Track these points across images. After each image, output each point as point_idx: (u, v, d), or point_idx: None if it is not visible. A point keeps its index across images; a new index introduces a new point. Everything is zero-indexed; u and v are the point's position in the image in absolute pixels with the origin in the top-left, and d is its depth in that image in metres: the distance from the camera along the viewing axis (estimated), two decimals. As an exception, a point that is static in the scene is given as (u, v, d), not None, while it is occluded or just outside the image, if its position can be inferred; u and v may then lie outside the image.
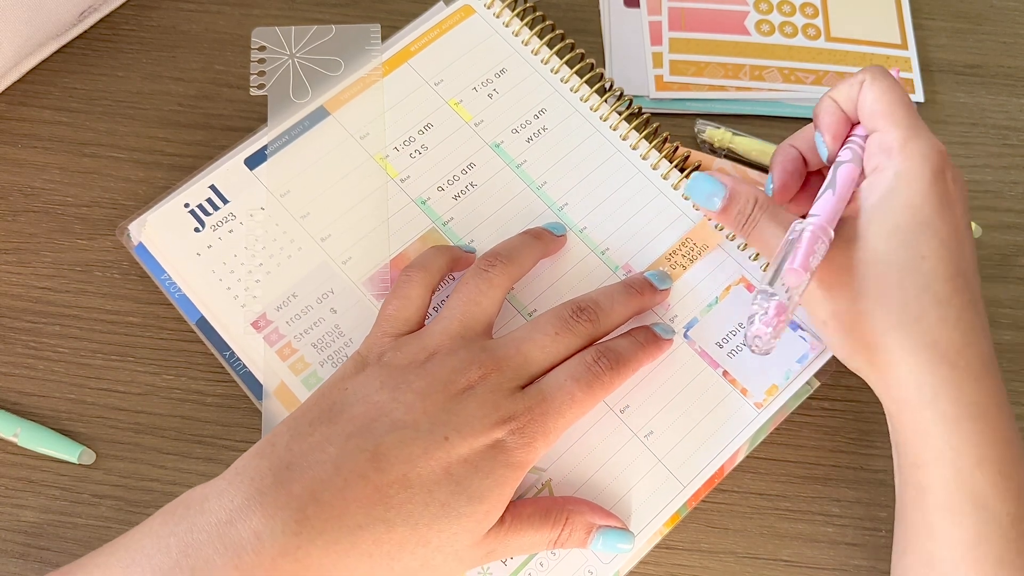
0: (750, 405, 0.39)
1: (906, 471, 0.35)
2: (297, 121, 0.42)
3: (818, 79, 0.50)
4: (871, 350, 0.35)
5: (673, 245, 0.41)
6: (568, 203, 0.41)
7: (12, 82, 0.47)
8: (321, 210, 0.40)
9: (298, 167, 0.41)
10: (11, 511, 0.40)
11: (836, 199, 0.36)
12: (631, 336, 0.37)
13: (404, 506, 0.31)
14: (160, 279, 0.40)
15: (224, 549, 0.28)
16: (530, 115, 0.43)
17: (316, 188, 0.41)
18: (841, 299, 0.35)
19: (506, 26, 0.44)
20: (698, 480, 0.37)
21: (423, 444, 0.31)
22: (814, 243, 0.33)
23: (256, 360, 0.38)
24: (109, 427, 0.41)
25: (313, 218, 0.40)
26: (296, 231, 0.40)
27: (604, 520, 0.36)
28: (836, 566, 0.41)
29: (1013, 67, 0.51)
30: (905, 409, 0.34)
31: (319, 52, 0.43)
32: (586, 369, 0.34)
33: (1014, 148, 0.50)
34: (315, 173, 0.41)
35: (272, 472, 0.30)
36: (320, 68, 0.43)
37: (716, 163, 0.47)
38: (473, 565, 0.33)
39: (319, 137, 0.42)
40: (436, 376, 0.33)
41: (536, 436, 0.33)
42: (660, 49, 0.50)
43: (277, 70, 0.43)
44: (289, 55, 0.43)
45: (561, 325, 0.35)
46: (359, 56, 0.43)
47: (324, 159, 0.41)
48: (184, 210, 0.40)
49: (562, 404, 0.34)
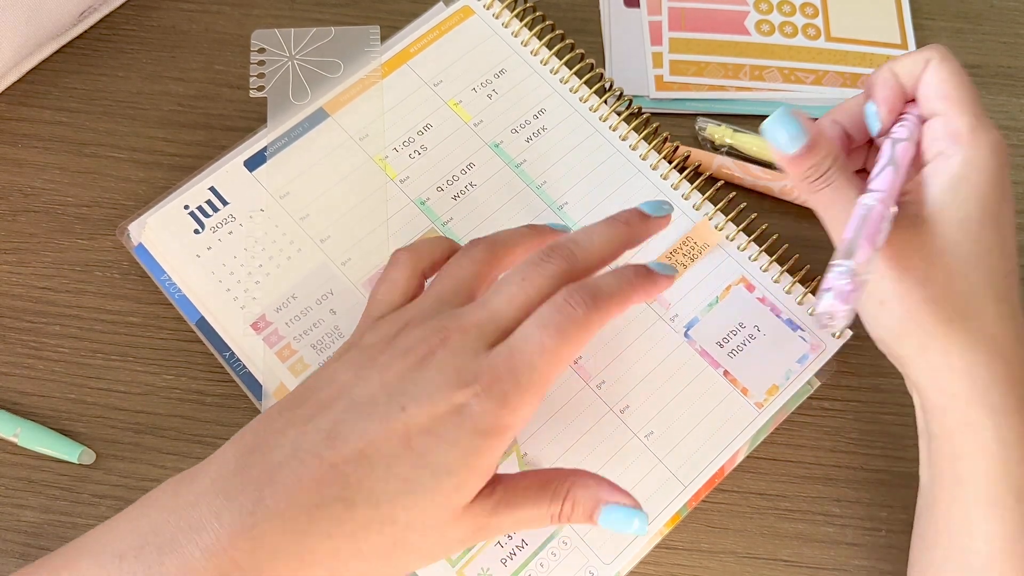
0: (751, 405, 0.39)
1: (942, 463, 0.35)
2: (297, 123, 0.42)
3: (818, 79, 0.50)
4: (928, 336, 0.34)
5: (674, 244, 0.41)
6: (568, 202, 0.41)
7: (12, 82, 0.47)
8: (320, 211, 0.40)
9: (298, 169, 0.41)
10: (11, 511, 0.40)
11: (898, 177, 0.35)
12: (617, 272, 0.32)
13: (363, 483, 0.29)
14: (160, 280, 0.40)
15: (188, 528, 0.29)
16: (529, 115, 0.43)
17: (316, 189, 0.41)
18: (907, 281, 0.34)
19: (505, 27, 0.44)
20: (699, 480, 0.37)
21: (379, 417, 0.29)
22: (883, 221, 0.33)
23: (256, 361, 0.38)
24: (109, 427, 0.41)
25: (312, 219, 0.40)
26: (296, 232, 0.40)
27: (614, 496, 0.32)
28: (836, 566, 0.41)
29: (1013, 67, 0.51)
30: (954, 401, 0.34)
31: (318, 54, 0.43)
32: (556, 310, 0.30)
33: (1014, 148, 0.50)
34: (315, 175, 0.41)
35: (236, 457, 0.30)
36: (319, 70, 0.43)
37: (716, 160, 0.47)
38: (463, 543, 0.32)
39: (319, 139, 0.42)
40: (398, 347, 0.31)
41: (507, 396, 0.29)
42: (660, 49, 0.50)
43: (277, 72, 0.43)
44: (288, 56, 0.43)
45: (529, 268, 0.32)
46: (358, 58, 0.43)
47: (324, 160, 0.41)
48: (184, 212, 0.40)
49: (532, 355, 0.30)
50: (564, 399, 0.38)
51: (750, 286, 0.40)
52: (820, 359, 0.39)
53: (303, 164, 0.41)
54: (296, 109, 0.42)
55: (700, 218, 0.41)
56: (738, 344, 0.39)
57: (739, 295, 0.40)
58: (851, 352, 0.44)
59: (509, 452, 0.37)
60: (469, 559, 0.36)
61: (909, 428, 0.43)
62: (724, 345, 0.39)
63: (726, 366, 0.39)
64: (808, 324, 0.40)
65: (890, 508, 0.42)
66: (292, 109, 0.42)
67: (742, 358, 0.39)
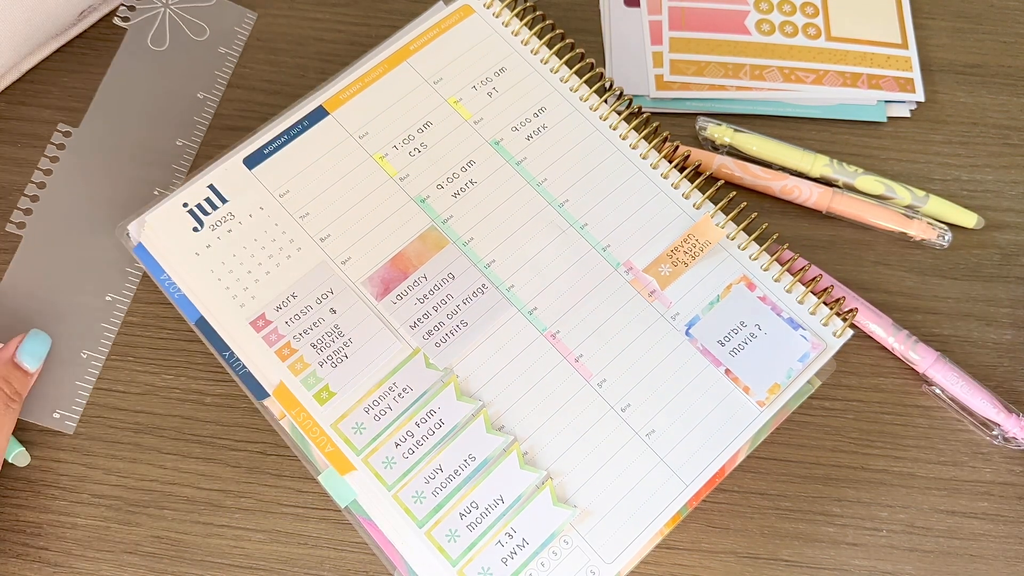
0: (752, 403, 0.38)
1: None
2: (296, 120, 0.42)
3: (818, 79, 0.50)
4: None
5: (675, 242, 0.41)
6: (568, 199, 0.41)
7: (12, 82, 0.47)
8: (320, 210, 0.40)
9: (297, 167, 0.41)
10: (11, 511, 0.40)
11: None
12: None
13: None
14: (159, 279, 0.40)
15: None
16: (530, 113, 0.43)
17: (315, 188, 0.41)
18: None
19: (505, 26, 0.44)
20: (700, 479, 0.37)
21: None
22: None
23: (255, 360, 0.38)
24: (109, 427, 0.41)
25: (312, 218, 0.40)
26: (295, 231, 0.40)
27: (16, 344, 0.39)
28: (836, 566, 0.41)
29: (1013, 67, 0.51)
30: None
31: (193, 14, 0.44)
32: None
33: (1014, 148, 0.50)
34: (314, 173, 0.41)
35: None
36: (187, 29, 0.43)
37: (717, 160, 0.47)
38: None
39: (318, 136, 0.42)
40: None
41: None
42: (660, 48, 0.50)
43: (149, 10, 0.44)
44: (164, 4, 0.44)
45: None
46: (225, 31, 0.46)
47: (323, 158, 0.41)
48: (183, 210, 0.40)
49: None
50: (565, 397, 0.38)
51: (751, 285, 0.40)
52: (821, 358, 0.39)
53: (303, 162, 0.41)
54: (298, 105, 0.42)
55: (701, 216, 0.41)
56: (739, 343, 0.39)
57: (740, 294, 0.40)
58: (851, 352, 0.45)
59: (509, 451, 0.37)
60: (469, 559, 0.36)
61: (909, 428, 0.44)
62: (725, 344, 0.39)
63: (727, 365, 0.39)
64: (808, 323, 0.40)
65: (890, 508, 0.42)
66: (153, 55, 0.45)
67: (743, 357, 0.39)
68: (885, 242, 0.47)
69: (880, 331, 0.44)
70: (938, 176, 0.49)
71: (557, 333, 0.39)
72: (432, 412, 0.37)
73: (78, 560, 0.39)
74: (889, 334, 0.44)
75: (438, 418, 0.37)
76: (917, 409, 0.44)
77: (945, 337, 0.45)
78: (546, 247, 0.41)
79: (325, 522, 0.41)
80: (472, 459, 0.37)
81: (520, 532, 0.36)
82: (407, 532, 0.36)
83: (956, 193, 0.48)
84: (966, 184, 0.49)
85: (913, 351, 0.44)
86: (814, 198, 0.47)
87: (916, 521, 0.42)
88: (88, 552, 0.39)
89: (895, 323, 0.44)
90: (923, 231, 0.46)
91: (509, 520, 0.36)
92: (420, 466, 0.37)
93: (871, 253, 0.47)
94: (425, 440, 0.37)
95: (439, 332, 0.39)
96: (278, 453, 0.41)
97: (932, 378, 0.44)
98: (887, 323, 0.44)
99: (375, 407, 0.37)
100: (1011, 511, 0.42)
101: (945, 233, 0.47)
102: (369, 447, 0.37)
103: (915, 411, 0.44)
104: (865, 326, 0.45)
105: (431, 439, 0.37)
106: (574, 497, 0.37)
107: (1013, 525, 0.42)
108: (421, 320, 0.39)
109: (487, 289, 0.40)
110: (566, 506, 0.36)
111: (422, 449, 0.37)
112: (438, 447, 0.37)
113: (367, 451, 0.37)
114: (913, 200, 0.47)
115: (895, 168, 0.49)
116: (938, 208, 0.47)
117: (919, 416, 0.44)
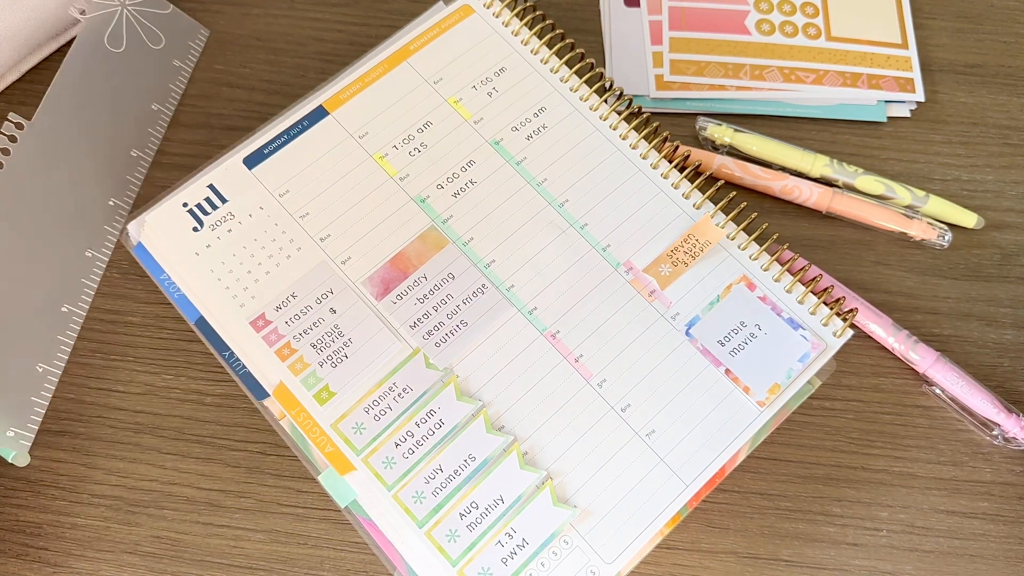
0: (752, 403, 0.38)
1: None
2: (296, 120, 0.42)
3: (818, 79, 0.50)
4: None
5: (675, 242, 0.41)
6: (568, 199, 0.41)
7: (12, 82, 0.47)
8: (320, 209, 0.40)
9: (297, 166, 0.41)
10: (11, 511, 0.40)
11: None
12: None
13: None
14: (159, 279, 0.40)
15: None
16: (530, 113, 0.43)
17: (315, 187, 0.41)
18: None
19: (505, 26, 0.44)
20: (701, 479, 0.37)
21: None
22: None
23: (255, 360, 0.38)
24: (109, 427, 0.41)
25: (312, 218, 0.40)
26: (295, 231, 0.40)
27: None
28: (836, 566, 0.41)
29: (1014, 67, 0.51)
30: None
31: (152, 20, 0.44)
32: None
33: (1015, 148, 0.50)
34: (314, 172, 0.41)
35: None
36: (143, 35, 0.43)
37: (717, 160, 0.47)
38: None
39: (318, 136, 0.42)
40: None
41: None
42: (660, 48, 0.50)
43: (105, 8, 0.44)
44: (121, 4, 0.44)
45: None
46: (178, 43, 0.45)
47: (323, 158, 0.41)
48: (183, 209, 0.40)
49: None
50: (565, 398, 0.38)
51: (751, 285, 0.40)
52: (821, 358, 0.39)
53: (303, 162, 0.41)
54: (301, 107, 0.42)
55: (701, 216, 0.41)
56: (739, 343, 0.39)
57: (740, 294, 0.40)
58: (851, 352, 0.45)
59: (509, 451, 0.37)
60: (469, 559, 0.36)
61: (909, 428, 0.44)
62: (725, 344, 0.39)
63: (727, 365, 0.39)
64: (808, 323, 0.40)
65: (890, 508, 0.42)
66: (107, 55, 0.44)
67: (743, 357, 0.39)
68: (885, 242, 0.47)
69: (880, 331, 0.44)
70: (938, 176, 0.49)
71: (557, 333, 0.39)
72: (432, 412, 0.37)
73: (78, 560, 0.39)
74: (889, 334, 0.44)
75: (438, 418, 0.37)
76: (917, 409, 0.44)
77: (945, 337, 0.45)
78: (546, 247, 0.41)
79: (325, 522, 0.41)
80: (472, 459, 0.37)
81: (520, 532, 0.36)
82: (407, 532, 0.36)
83: (956, 193, 0.48)
84: (966, 184, 0.49)
85: (913, 351, 0.44)
86: (814, 198, 0.47)
87: (916, 521, 0.42)
88: (88, 552, 0.39)
89: (895, 323, 0.44)
90: (923, 231, 0.46)
91: (509, 520, 0.36)
92: (420, 466, 0.37)
93: (871, 253, 0.47)
94: (425, 440, 0.37)
95: (439, 332, 0.39)
96: (278, 453, 0.41)
97: (932, 378, 0.44)
98: (887, 323, 0.44)
99: (375, 407, 0.37)
100: (1011, 511, 0.42)
101: (945, 233, 0.47)
102: (369, 447, 0.37)
103: (915, 411, 0.44)
104: (865, 326, 0.45)
105: (431, 439, 0.37)
106: (574, 497, 0.37)
107: (1013, 525, 0.42)
108: (421, 320, 0.39)
109: (487, 289, 0.40)
110: (566, 506, 0.36)
111: (422, 449, 0.37)
112: (438, 447, 0.37)
113: (367, 451, 0.37)
114: (913, 200, 0.47)
115: (895, 168, 0.49)
116: (938, 208, 0.47)
117: (919, 416, 0.44)
